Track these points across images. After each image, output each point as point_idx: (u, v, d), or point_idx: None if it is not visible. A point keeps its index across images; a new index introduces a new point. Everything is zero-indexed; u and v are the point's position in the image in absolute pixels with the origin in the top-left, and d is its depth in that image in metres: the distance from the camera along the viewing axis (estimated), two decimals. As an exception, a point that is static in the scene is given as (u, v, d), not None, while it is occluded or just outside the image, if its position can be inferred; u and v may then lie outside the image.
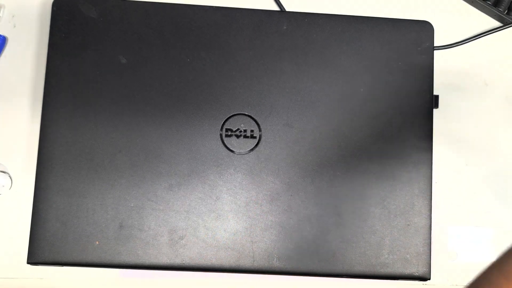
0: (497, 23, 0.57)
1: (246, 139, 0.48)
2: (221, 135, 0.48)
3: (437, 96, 0.51)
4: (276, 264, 0.46)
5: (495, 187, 0.54)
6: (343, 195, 0.47)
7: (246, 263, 0.46)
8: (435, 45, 0.51)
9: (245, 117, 0.48)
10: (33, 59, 0.53)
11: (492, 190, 0.54)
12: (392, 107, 0.49)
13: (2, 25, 0.53)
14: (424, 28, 0.50)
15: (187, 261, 0.46)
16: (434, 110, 0.51)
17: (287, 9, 0.55)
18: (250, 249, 0.46)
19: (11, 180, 0.51)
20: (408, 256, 0.47)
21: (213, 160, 0.47)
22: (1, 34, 0.52)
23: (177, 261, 0.45)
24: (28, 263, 0.45)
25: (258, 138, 0.48)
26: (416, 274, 0.47)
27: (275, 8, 0.55)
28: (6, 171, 0.51)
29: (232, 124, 0.48)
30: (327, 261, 0.46)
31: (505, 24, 0.56)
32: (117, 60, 0.48)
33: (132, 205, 0.46)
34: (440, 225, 0.53)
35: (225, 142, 0.47)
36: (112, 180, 0.46)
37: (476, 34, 0.56)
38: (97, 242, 0.45)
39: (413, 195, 0.48)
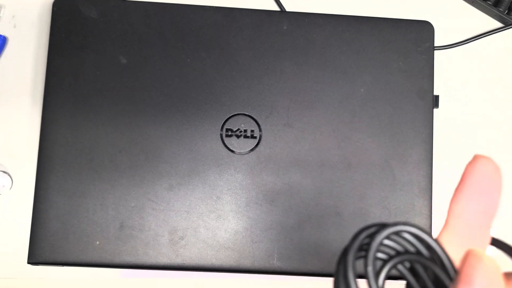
0: (497, 24, 0.57)
1: (246, 139, 0.48)
2: (221, 135, 0.48)
3: (437, 96, 0.50)
4: (276, 264, 0.46)
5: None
6: (343, 195, 0.47)
7: (246, 263, 0.46)
8: (435, 45, 0.51)
9: (245, 117, 0.48)
10: (33, 59, 0.53)
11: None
12: (392, 107, 0.49)
13: (2, 25, 0.53)
14: (424, 28, 0.50)
15: (187, 261, 0.46)
16: (434, 110, 0.51)
17: (287, 9, 0.55)
18: (250, 249, 0.46)
19: (11, 180, 0.51)
20: (408, 256, 0.47)
21: (214, 160, 0.47)
22: (1, 34, 0.52)
23: (178, 261, 0.45)
24: (28, 263, 0.45)
25: (258, 138, 0.48)
26: (416, 274, 0.47)
27: (275, 8, 0.55)
28: (6, 171, 0.51)
29: (232, 124, 0.48)
30: (327, 261, 0.46)
31: (506, 24, 0.56)
32: (117, 60, 0.48)
33: (132, 205, 0.46)
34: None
35: (225, 142, 0.47)
36: (113, 180, 0.46)
37: (477, 34, 0.56)
38: (97, 242, 0.45)
39: (413, 195, 0.48)
